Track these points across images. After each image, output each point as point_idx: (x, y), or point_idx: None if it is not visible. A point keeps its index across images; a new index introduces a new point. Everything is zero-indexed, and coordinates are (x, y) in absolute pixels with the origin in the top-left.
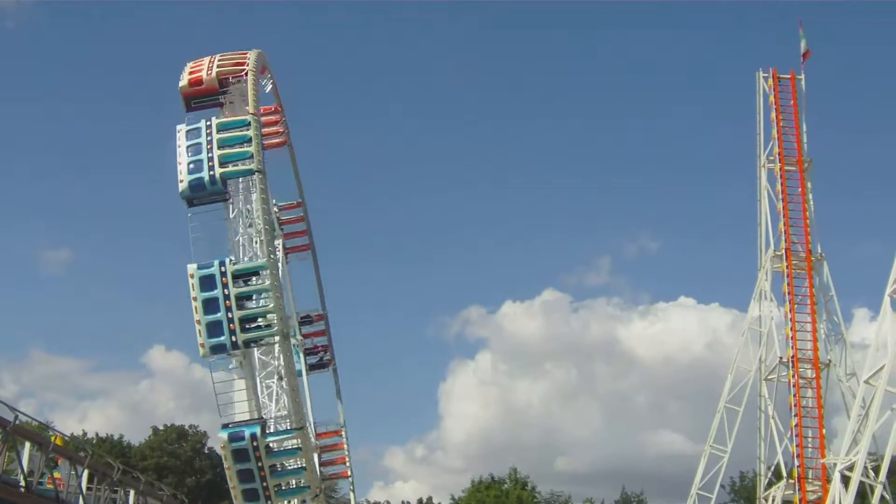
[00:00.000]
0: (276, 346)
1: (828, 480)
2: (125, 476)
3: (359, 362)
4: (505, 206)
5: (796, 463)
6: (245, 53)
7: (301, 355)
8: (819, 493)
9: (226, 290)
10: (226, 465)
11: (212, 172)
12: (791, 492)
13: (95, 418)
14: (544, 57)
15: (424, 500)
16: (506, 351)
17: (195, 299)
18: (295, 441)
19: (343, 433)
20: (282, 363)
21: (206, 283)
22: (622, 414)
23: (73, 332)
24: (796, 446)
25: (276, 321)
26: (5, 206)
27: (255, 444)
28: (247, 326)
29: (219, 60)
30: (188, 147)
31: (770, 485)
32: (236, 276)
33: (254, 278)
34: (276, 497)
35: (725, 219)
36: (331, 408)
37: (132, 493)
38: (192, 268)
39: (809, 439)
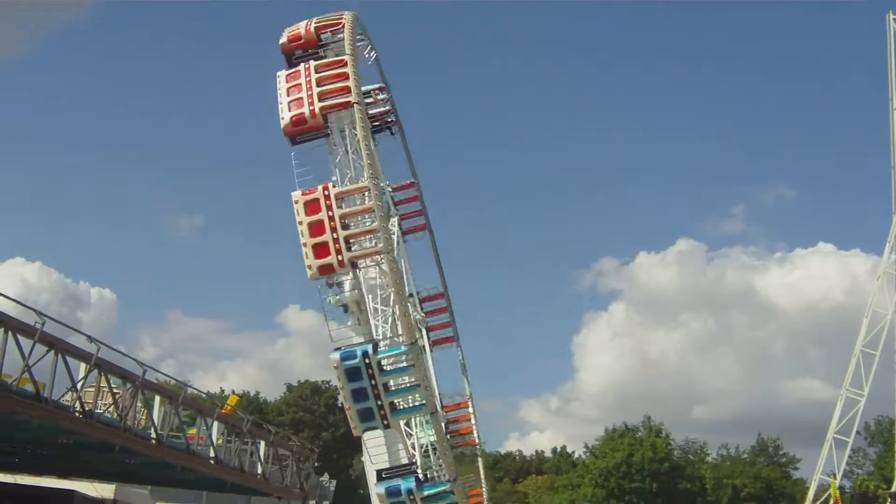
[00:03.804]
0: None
1: None
2: (255, 428)
3: (493, 316)
4: (636, 156)
5: None
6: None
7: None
8: None
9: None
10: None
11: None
12: None
13: (233, 377)
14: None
15: (559, 449)
16: (640, 302)
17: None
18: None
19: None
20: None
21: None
22: (760, 363)
23: (209, 295)
24: None
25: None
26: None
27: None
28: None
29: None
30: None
31: None
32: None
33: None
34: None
35: (862, 163)
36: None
37: (262, 444)
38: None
39: None
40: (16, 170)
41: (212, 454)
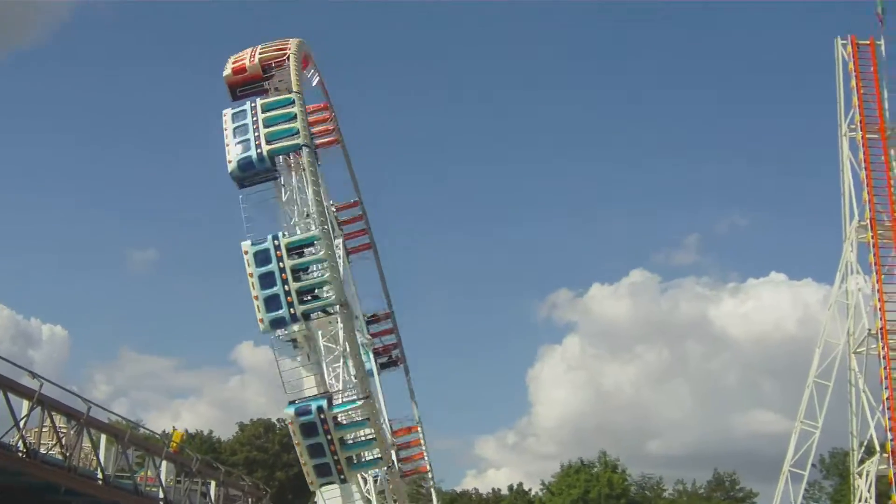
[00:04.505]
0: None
1: None
2: (205, 467)
3: (445, 350)
4: (589, 186)
5: (889, 437)
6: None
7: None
8: None
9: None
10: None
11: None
12: (885, 466)
13: (187, 416)
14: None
15: (515, 487)
16: (594, 334)
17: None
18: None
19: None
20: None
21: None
22: (714, 394)
23: (162, 331)
24: (889, 419)
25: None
26: (93, 205)
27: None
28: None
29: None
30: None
31: (863, 461)
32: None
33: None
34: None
35: (814, 192)
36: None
37: (213, 484)
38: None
39: None
40: None
41: (161, 495)
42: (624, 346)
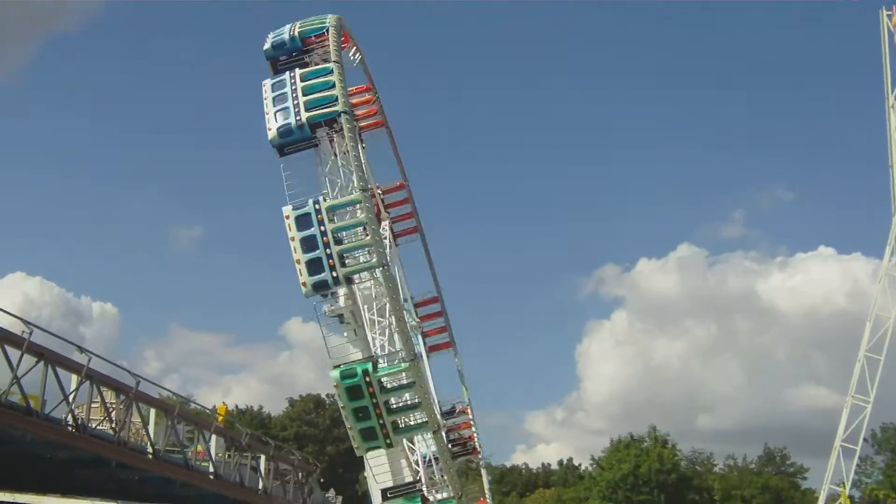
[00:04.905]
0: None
1: None
2: (254, 442)
3: (494, 328)
4: (636, 163)
5: None
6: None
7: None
8: None
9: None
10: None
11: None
12: None
13: (237, 391)
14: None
15: (565, 462)
16: (642, 309)
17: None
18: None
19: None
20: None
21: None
22: (764, 369)
23: (211, 308)
24: None
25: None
26: (138, 185)
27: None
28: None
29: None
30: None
31: None
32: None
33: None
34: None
35: (861, 165)
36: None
37: (262, 458)
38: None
39: None
40: (15, 185)
41: (211, 469)
42: (672, 320)
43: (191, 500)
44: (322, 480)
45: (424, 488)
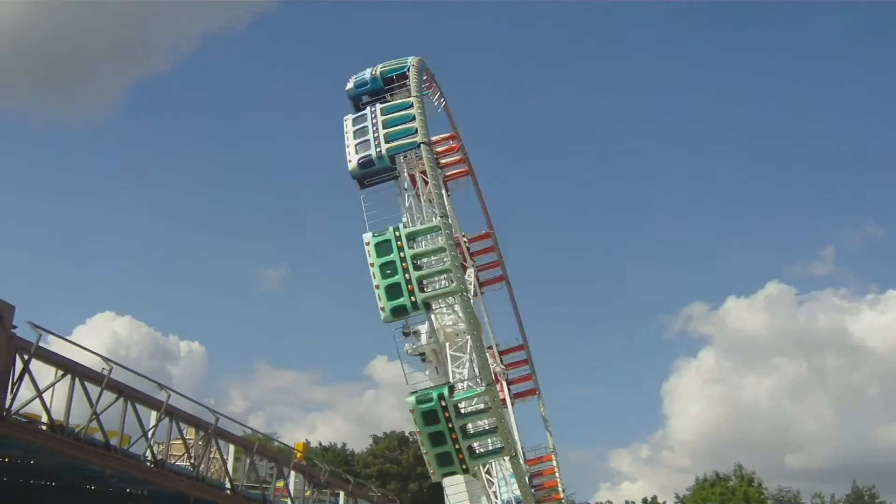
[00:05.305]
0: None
1: None
2: (333, 478)
3: (579, 365)
4: (724, 200)
5: None
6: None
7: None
8: None
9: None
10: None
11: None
12: None
13: (322, 429)
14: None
15: (650, 500)
16: (730, 347)
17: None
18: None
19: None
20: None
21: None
22: (854, 407)
23: (296, 347)
24: None
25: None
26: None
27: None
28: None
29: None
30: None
31: None
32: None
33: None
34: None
35: None
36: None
37: (342, 494)
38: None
39: None
40: (105, 221)
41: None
42: (761, 358)
43: None
44: None
45: None
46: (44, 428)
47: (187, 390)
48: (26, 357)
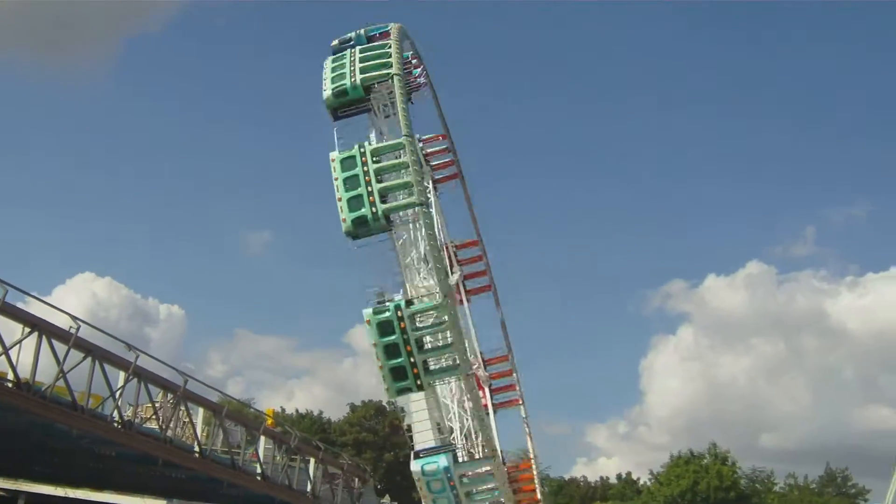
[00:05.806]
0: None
1: None
2: (304, 444)
3: (558, 341)
4: (706, 179)
5: None
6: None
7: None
8: None
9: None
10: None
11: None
12: None
13: (301, 396)
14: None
15: (624, 476)
16: (708, 325)
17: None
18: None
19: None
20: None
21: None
22: (830, 389)
23: (277, 312)
24: None
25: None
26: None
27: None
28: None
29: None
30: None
31: None
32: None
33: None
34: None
35: None
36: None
37: (312, 461)
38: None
39: None
40: (88, 178)
41: (258, 470)
42: (739, 337)
43: (239, 499)
44: (379, 486)
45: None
46: (10, 385)
47: (166, 354)
48: None
